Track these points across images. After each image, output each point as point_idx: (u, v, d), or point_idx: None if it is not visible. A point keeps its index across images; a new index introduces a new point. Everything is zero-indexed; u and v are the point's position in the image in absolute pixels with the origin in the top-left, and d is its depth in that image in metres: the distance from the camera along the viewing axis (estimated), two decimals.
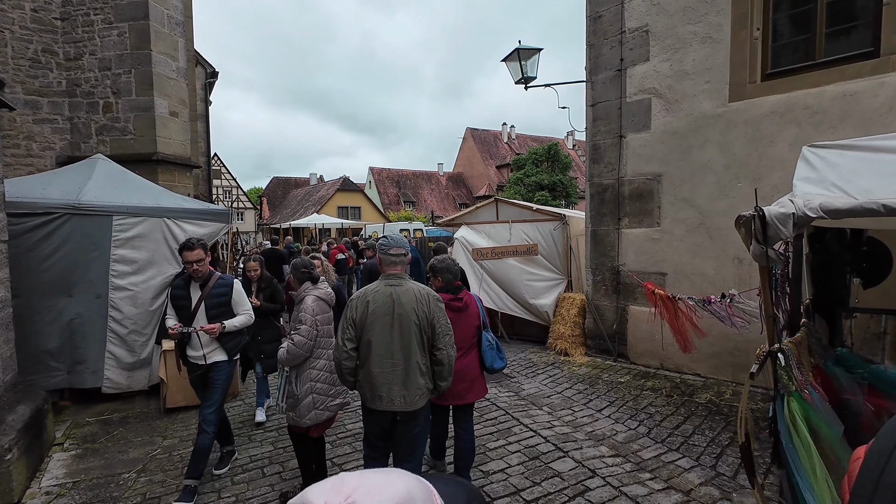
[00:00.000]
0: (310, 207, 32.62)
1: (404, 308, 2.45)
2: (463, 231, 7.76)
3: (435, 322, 2.50)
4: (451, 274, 3.16)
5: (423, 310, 2.48)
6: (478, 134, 51.26)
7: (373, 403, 2.50)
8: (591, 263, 6.45)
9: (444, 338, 2.52)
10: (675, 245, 5.53)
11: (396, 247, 2.59)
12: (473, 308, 3.20)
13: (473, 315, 3.18)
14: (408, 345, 2.46)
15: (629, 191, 5.95)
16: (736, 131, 4.99)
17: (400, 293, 2.48)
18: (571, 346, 6.60)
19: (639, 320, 5.94)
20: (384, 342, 2.45)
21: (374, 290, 2.51)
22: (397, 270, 2.58)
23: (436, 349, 2.52)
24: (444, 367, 2.54)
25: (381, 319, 2.44)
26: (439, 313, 2.53)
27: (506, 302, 7.26)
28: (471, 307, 3.18)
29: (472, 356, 3.19)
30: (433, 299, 2.54)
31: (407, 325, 2.45)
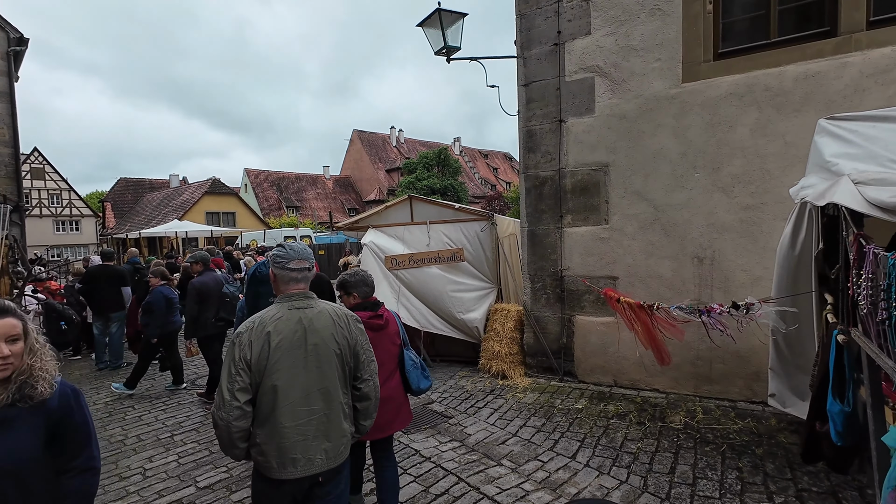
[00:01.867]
0: (170, 214, 27.70)
1: (320, 336, 1.93)
2: (372, 235, 6.36)
3: (358, 348, 2.04)
4: (367, 287, 2.77)
5: (343, 335, 1.99)
6: (366, 136, 49.56)
7: (282, 472, 1.84)
8: (528, 269, 5.56)
9: (369, 366, 2.09)
10: (627, 244, 4.87)
11: (298, 259, 1.99)
12: (393, 325, 2.82)
13: (394, 333, 2.80)
14: (329, 383, 1.94)
15: (572, 184, 5.17)
16: (691, 115, 4.45)
17: (312, 317, 1.94)
18: (509, 367, 5.63)
19: (587, 332, 5.17)
20: (298, 384, 1.87)
21: (275, 317, 1.89)
22: (300, 289, 2.00)
23: (360, 381, 2.06)
24: (370, 401, 2.09)
25: (290, 354, 1.86)
26: (361, 336, 2.08)
27: (429, 318, 6.03)
28: (391, 324, 2.79)
29: (396, 380, 2.79)
30: (353, 320, 2.07)
31: (326, 357, 1.93)
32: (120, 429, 4.66)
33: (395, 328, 2.80)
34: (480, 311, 6.12)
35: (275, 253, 2.01)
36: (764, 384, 4.19)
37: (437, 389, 5.42)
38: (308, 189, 44.65)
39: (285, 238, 18.34)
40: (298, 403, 1.84)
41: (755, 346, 4.24)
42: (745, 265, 4.28)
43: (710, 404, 4.40)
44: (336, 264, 17.98)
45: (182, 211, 27.49)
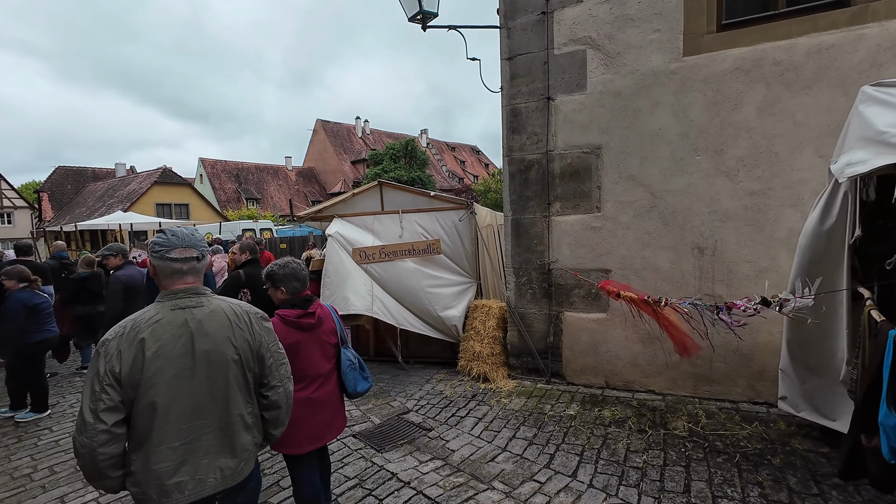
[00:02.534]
0: (115, 205, 25.59)
1: (213, 340, 1.61)
2: (338, 225, 5.71)
3: (264, 351, 1.75)
4: (298, 282, 2.46)
5: (243, 337, 1.68)
6: (330, 127, 47.96)
7: (165, 501, 1.54)
8: (512, 261, 5.08)
9: (278, 370, 1.81)
10: (621, 234, 4.46)
11: (182, 247, 1.66)
12: (329, 322, 2.53)
13: (330, 331, 2.52)
14: (224, 394, 1.64)
15: (561, 168, 4.71)
16: (693, 92, 4.07)
17: (202, 318, 1.62)
18: (492, 369, 5.15)
19: (577, 330, 4.76)
20: (184, 397, 1.56)
21: (152, 320, 1.57)
22: (188, 283, 1.66)
23: (268, 388, 1.78)
24: (280, 410, 1.82)
25: (172, 365, 1.55)
26: (268, 337, 1.79)
27: (405, 316, 5.46)
28: (326, 321, 2.50)
29: (334, 382, 2.54)
30: (256, 318, 1.77)
31: (220, 364, 1.62)
32: (29, 458, 3.86)
33: (330, 325, 2.51)
34: (459, 307, 5.60)
35: (153, 240, 1.68)
36: (768, 384, 3.89)
37: (413, 396, 4.88)
38: (269, 181, 42.71)
39: (243, 231, 17.22)
40: (184, 419, 1.59)
41: (759, 343, 3.94)
42: (750, 256, 3.96)
43: (712, 406, 4.07)
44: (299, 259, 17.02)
45: (129, 202, 25.43)
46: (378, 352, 6.26)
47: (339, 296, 5.17)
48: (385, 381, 5.43)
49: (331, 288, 5.22)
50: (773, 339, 3.78)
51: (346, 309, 5.07)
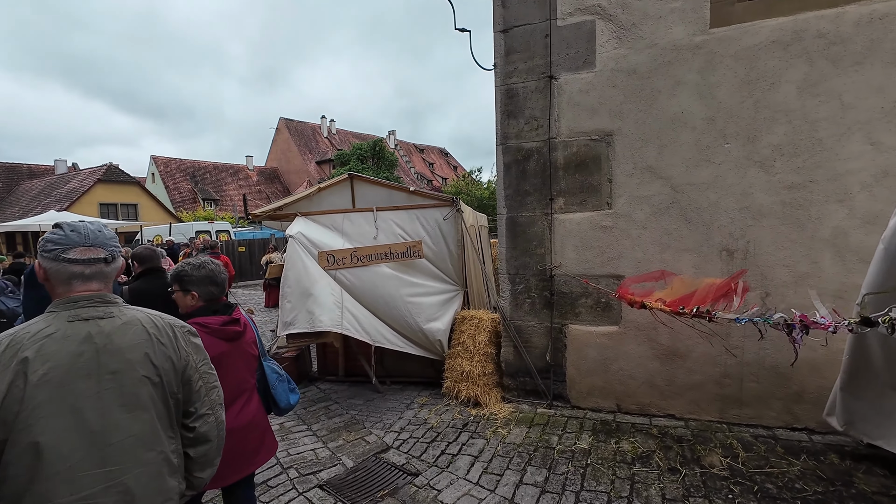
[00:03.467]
0: (52, 205, 23.31)
1: (124, 358, 1.31)
2: (301, 225, 4.86)
3: (191, 372, 1.43)
4: (216, 287, 2.08)
5: (165, 355, 1.38)
6: (294, 125, 46.29)
7: None
8: (508, 266, 4.39)
9: (208, 395, 1.48)
10: (636, 234, 3.86)
11: (84, 245, 1.35)
12: (251, 332, 2.20)
13: (251, 341, 2.18)
14: (140, 427, 1.31)
15: (565, 158, 4.07)
16: (722, 69, 3.51)
17: (111, 331, 1.31)
18: (484, 392, 4.44)
19: (583, 345, 4.12)
20: (82, 436, 1.23)
21: (41, 334, 1.25)
22: (91, 290, 1.36)
23: (195, 418, 1.45)
24: (210, 444, 1.48)
25: (66, 393, 1.22)
26: (197, 355, 1.47)
27: (381, 331, 4.66)
28: (248, 330, 2.17)
29: (257, 401, 2.17)
30: (182, 333, 1.46)
31: (134, 388, 1.31)
32: None
33: (251, 335, 2.22)
34: (444, 319, 4.86)
35: (45, 237, 1.34)
36: (808, 407, 3.36)
37: (393, 427, 4.10)
38: (228, 181, 40.59)
39: (197, 233, 15.85)
40: (83, 466, 1.21)
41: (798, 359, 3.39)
42: (788, 259, 3.42)
43: (745, 434, 3.51)
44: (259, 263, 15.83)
45: (68, 202, 23.19)
46: (349, 371, 5.43)
47: (302, 309, 4.32)
48: (358, 407, 4.61)
49: (292, 299, 4.37)
50: (815, 354, 3.25)
51: (312, 325, 4.23)
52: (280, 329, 4.28)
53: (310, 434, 4.06)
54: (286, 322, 4.29)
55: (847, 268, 3.27)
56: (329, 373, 5.53)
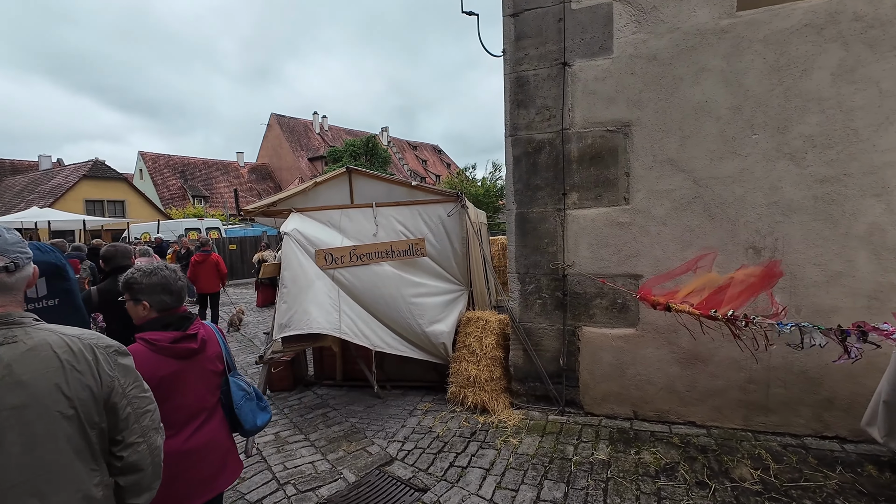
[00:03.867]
0: (36, 201, 22.67)
1: (29, 391, 1.14)
2: (296, 222, 4.58)
3: (117, 399, 1.28)
4: (169, 295, 1.86)
5: (82, 384, 1.21)
6: (285, 122, 45.69)
7: None
8: (517, 265, 4.15)
9: (139, 421, 1.35)
10: (655, 231, 3.63)
11: None
12: (214, 346, 1.98)
13: (214, 356, 1.97)
14: (51, 469, 1.15)
15: (579, 150, 3.83)
16: (749, 55, 3.29)
17: (12, 360, 1.13)
18: (491, 397, 4.20)
19: (598, 348, 3.89)
20: None
21: None
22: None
23: (123, 447, 1.31)
24: (142, 473, 1.35)
25: None
26: (124, 378, 1.31)
27: (381, 335, 4.40)
28: (210, 345, 1.95)
29: (218, 420, 1.97)
30: (106, 354, 1.29)
31: (42, 425, 1.15)
32: None
33: (215, 350, 2.01)
34: (448, 321, 4.61)
35: None
36: (840, 414, 3.16)
37: (396, 436, 3.85)
38: (219, 177, 39.93)
39: (186, 230, 15.44)
40: None
41: (829, 363, 3.20)
42: (820, 258, 3.22)
43: (773, 444, 3.31)
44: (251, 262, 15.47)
45: (52, 198, 22.56)
46: (347, 375, 5.17)
47: (298, 309, 4.05)
48: (358, 415, 4.36)
49: (289, 300, 4.09)
50: None
51: (308, 327, 3.97)
52: (275, 331, 4.01)
53: (307, 445, 3.80)
54: (282, 324, 4.02)
55: (883, 266, 3.07)
56: (326, 377, 5.27)
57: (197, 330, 1.90)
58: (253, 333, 7.98)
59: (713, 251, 3.10)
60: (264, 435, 4.00)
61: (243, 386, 2.10)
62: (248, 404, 2.08)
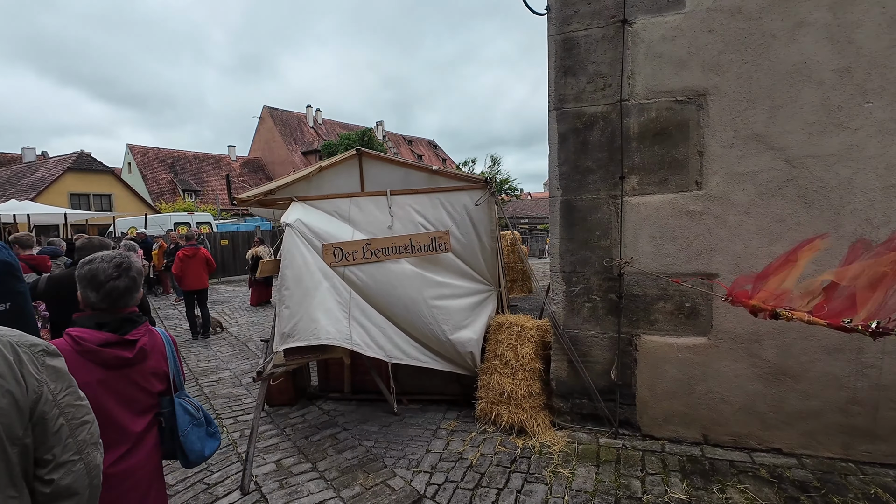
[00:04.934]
0: (18, 195, 21.69)
1: None
2: (299, 211, 3.93)
3: (46, 408, 1.11)
4: (95, 291, 1.55)
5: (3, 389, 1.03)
6: (278, 115, 44.72)
7: None
8: (561, 262, 3.54)
9: (74, 435, 1.17)
10: (735, 221, 3.04)
11: None
12: (156, 358, 1.69)
13: (153, 374, 1.66)
14: None
15: (641, 125, 3.22)
16: (863, 4, 2.69)
17: None
18: (530, 416, 3.60)
19: (660, 360, 3.30)
20: None
21: None
22: None
23: (54, 468, 1.12)
24: (79, 497, 1.17)
25: None
26: (55, 383, 1.14)
27: (400, 344, 3.77)
28: (152, 356, 1.66)
29: (146, 451, 1.63)
30: (32, 356, 1.12)
31: None
32: None
33: (157, 365, 1.67)
34: (476, 326, 4.00)
35: None
36: None
37: (422, 465, 3.24)
38: (210, 171, 38.94)
39: (175, 225, 14.69)
40: None
41: None
42: None
43: (887, 479, 2.73)
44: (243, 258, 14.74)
45: (35, 191, 21.60)
46: (357, 387, 4.54)
47: (304, 316, 3.41)
48: (373, 436, 3.74)
49: (292, 305, 3.44)
50: None
51: (316, 337, 3.33)
52: (277, 342, 3.37)
53: (316, 477, 3.17)
54: (284, 333, 3.38)
55: None
56: (332, 389, 4.64)
57: (139, 337, 1.60)
58: (247, 336, 7.32)
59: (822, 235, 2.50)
60: (263, 464, 3.38)
61: (190, 409, 1.80)
62: (196, 431, 1.80)
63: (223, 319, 8.62)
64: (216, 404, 4.60)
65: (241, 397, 4.78)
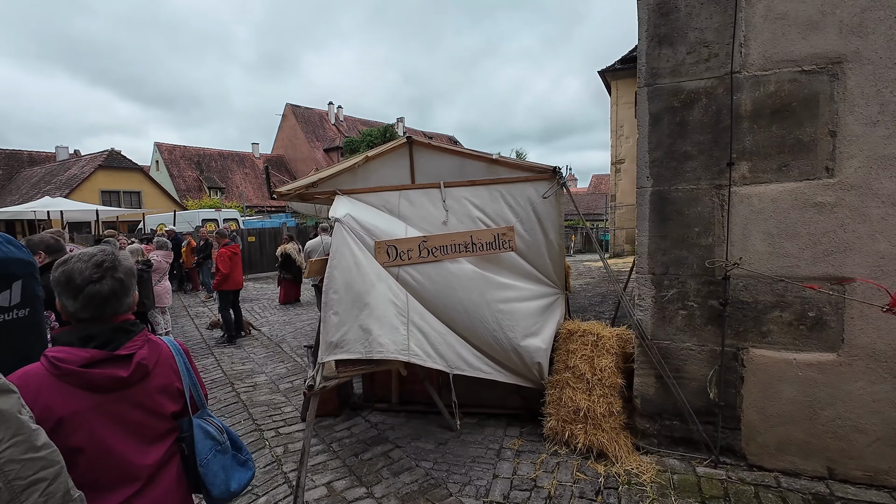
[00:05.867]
0: (52, 192, 22.12)
1: None
2: (347, 205, 3.54)
3: None
4: (72, 298, 1.25)
5: None
6: (300, 112, 44.93)
7: None
8: (650, 263, 3.07)
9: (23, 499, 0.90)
10: (879, 215, 2.52)
11: None
12: (163, 376, 1.36)
13: (159, 391, 1.34)
14: None
15: (755, 101, 2.72)
16: None
17: None
18: (611, 438, 3.15)
19: (773, 379, 2.80)
20: None
21: None
22: None
23: None
24: None
25: None
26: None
27: (460, 352, 3.36)
28: (156, 375, 1.34)
29: (167, 485, 1.34)
30: None
31: None
32: None
33: (164, 379, 1.35)
34: (545, 334, 3.56)
35: None
36: None
37: (492, 494, 2.84)
38: (234, 168, 39.33)
39: (203, 221, 14.63)
40: None
41: None
42: None
43: None
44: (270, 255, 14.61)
45: (68, 189, 21.99)
46: (405, 398, 4.16)
47: (353, 326, 3.03)
48: (430, 456, 3.35)
49: (341, 311, 3.06)
50: None
51: (368, 351, 2.94)
52: (324, 352, 2.99)
53: None
54: (332, 342, 3.00)
55: None
56: (378, 399, 4.27)
57: (134, 350, 1.28)
58: (279, 337, 7.04)
59: None
60: (313, 486, 3.02)
61: (212, 432, 1.48)
62: (219, 459, 1.47)
63: (253, 319, 8.39)
64: (255, 413, 4.28)
65: (280, 405, 4.45)
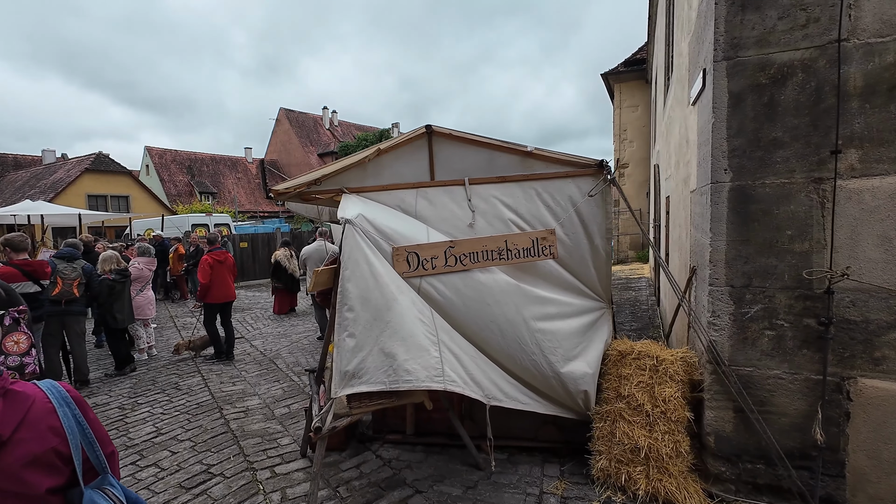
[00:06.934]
0: (37, 196, 21.29)
1: None
2: (359, 205, 2.99)
3: None
4: None
5: None
6: (294, 116, 44.34)
7: None
8: (727, 273, 2.55)
9: None
10: None
11: None
12: (32, 443, 0.97)
13: (31, 461, 0.96)
14: None
15: (867, 76, 2.22)
16: None
17: None
18: (678, 483, 2.61)
19: (891, 416, 2.28)
20: None
21: None
22: None
23: None
24: None
25: None
26: None
27: (494, 379, 2.81)
28: (20, 438, 0.95)
29: None
30: None
31: None
32: None
33: (36, 448, 0.98)
34: (590, 356, 3.02)
35: None
36: None
37: None
38: (226, 173, 38.57)
39: (193, 226, 13.99)
40: None
41: None
42: None
43: None
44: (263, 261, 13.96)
45: (53, 192, 21.17)
46: (421, 428, 3.59)
47: (374, 349, 2.47)
48: (455, 501, 2.78)
49: (358, 333, 2.50)
50: None
51: (393, 379, 2.39)
52: (338, 384, 2.43)
53: None
54: (347, 372, 2.44)
55: None
56: (391, 429, 3.69)
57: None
58: (273, 352, 6.43)
59: None
60: None
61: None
62: None
63: (245, 331, 7.77)
64: (246, 446, 3.69)
65: (275, 436, 3.86)
